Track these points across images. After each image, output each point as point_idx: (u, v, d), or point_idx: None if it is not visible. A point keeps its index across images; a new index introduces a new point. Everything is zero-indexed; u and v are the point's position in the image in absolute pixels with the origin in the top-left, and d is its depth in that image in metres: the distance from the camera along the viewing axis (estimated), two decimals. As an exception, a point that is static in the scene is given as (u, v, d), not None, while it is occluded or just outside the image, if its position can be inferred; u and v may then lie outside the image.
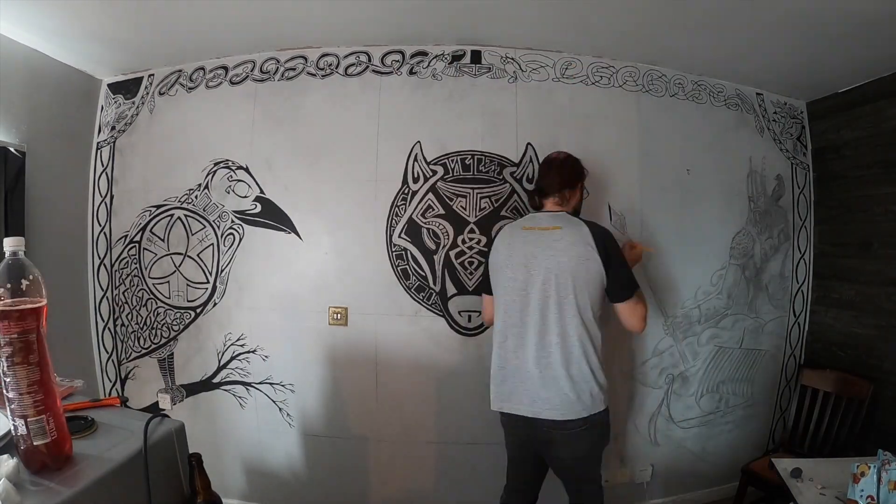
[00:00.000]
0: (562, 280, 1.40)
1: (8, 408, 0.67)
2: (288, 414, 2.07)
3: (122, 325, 2.17)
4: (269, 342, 2.06)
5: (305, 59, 2.04)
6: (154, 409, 2.12)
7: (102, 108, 2.19)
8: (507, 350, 1.49)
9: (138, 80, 2.17)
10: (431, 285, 1.99)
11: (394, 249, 1.99)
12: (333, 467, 2.08)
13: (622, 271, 1.45)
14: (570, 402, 1.39)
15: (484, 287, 1.68)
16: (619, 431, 2.12)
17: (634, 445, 2.14)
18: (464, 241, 1.97)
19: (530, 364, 1.43)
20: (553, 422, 1.40)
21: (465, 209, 1.97)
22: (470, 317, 2.00)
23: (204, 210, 2.08)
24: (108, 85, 2.20)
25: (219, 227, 2.07)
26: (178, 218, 2.10)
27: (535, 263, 1.44)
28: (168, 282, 2.11)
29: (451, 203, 1.98)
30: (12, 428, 0.68)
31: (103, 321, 2.19)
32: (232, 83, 2.08)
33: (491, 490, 2.00)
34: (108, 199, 2.18)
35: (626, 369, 2.09)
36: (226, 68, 2.09)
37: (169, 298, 2.12)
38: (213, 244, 2.07)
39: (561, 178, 1.54)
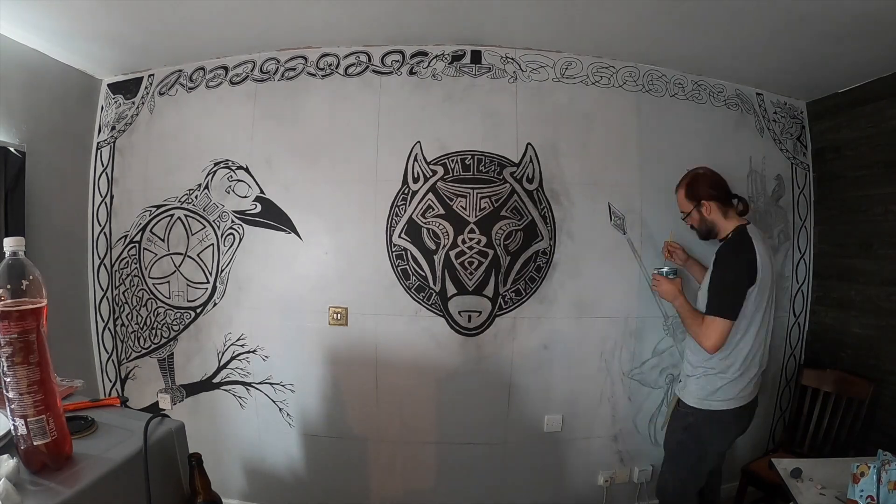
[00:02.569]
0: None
1: (8, 408, 0.67)
2: (288, 414, 2.07)
3: (122, 325, 2.17)
4: (270, 342, 2.06)
5: (305, 59, 2.04)
6: (154, 409, 2.12)
7: (102, 108, 2.19)
8: (761, 355, 1.61)
9: (138, 80, 2.17)
10: (431, 285, 1.99)
11: (394, 249, 1.99)
12: (333, 467, 2.08)
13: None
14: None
15: (734, 312, 1.50)
16: (619, 431, 2.12)
17: (634, 445, 2.14)
18: (464, 241, 1.97)
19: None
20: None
21: (465, 209, 1.97)
22: (470, 317, 2.00)
23: (204, 210, 2.08)
24: (108, 85, 2.20)
25: (219, 227, 2.07)
26: (178, 218, 2.10)
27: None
28: (168, 282, 2.11)
29: (451, 203, 1.98)
30: (12, 428, 0.68)
31: (103, 321, 2.19)
32: (232, 83, 2.08)
33: (491, 490, 2.01)
34: (108, 199, 2.18)
35: (627, 369, 2.09)
36: (226, 68, 2.09)
37: (169, 298, 2.12)
38: (213, 244, 2.07)
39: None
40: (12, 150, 1.73)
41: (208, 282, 2.08)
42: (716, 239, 1.69)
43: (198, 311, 2.10)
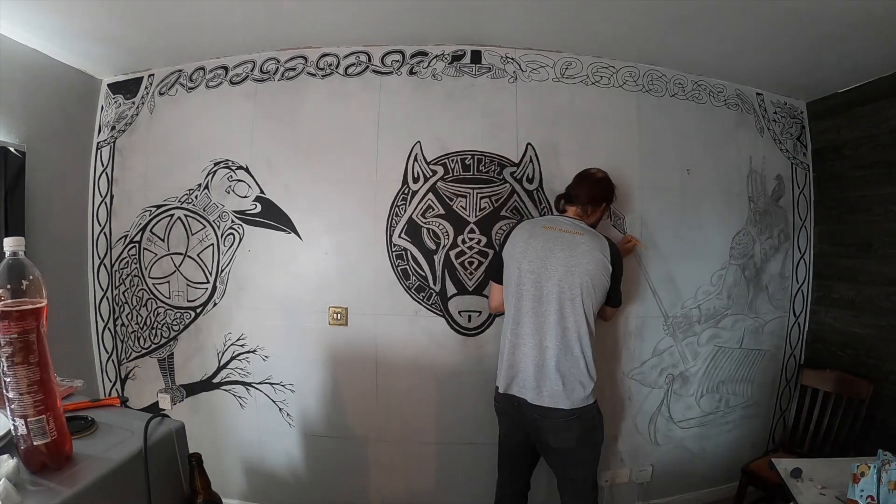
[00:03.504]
0: (577, 280, 1.48)
1: (8, 408, 0.67)
2: (288, 414, 2.07)
3: (122, 325, 2.17)
4: (269, 342, 2.06)
5: (305, 59, 2.04)
6: (154, 409, 2.12)
7: (102, 108, 2.19)
8: (518, 336, 1.54)
9: (138, 80, 2.17)
10: (431, 285, 1.99)
11: (394, 249, 1.99)
12: (333, 467, 2.08)
13: (620, 285, 1.62)
14: (559, 392, 1.47)
15: (493, 275, 1.73)
16: (619, 431, 2.12)
17: (634, 445, 2.14)
18: (464, 241, 1.97)
19: (536, 351, 1.51)
20: (541, 408, 1.48)
21: (465, 209, 1.97)
22: (470, 317, 2.00)
23: (204, 210, 2.08)
24: (108, 85, 2.20)
25: (219, 227, 2.07)
26: (178, 218, 2.10)
27: (552, 259, 1.51)
28: (168, 282, 2.11)
29: (451, 203, 1.98)
30: (12, 428, 0.68)
31: (103, 321, 2.19)
32: (232, 83, 2.08)
33: (491, 490, 2.00)
34: (108, 199, 2.18)
35: (627, 369, 2.09)
36: (226, 68, 2.09)
37: (169, 298, 2.12)
38: (213, 244, 2.07)
39: (590, 193, 1.64)
40: (12, 150, 1.73)
41: (208, 282, 2.08)
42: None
43: (198, 310, 2.10)
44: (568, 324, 1.48)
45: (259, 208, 2.04)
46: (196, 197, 2.08)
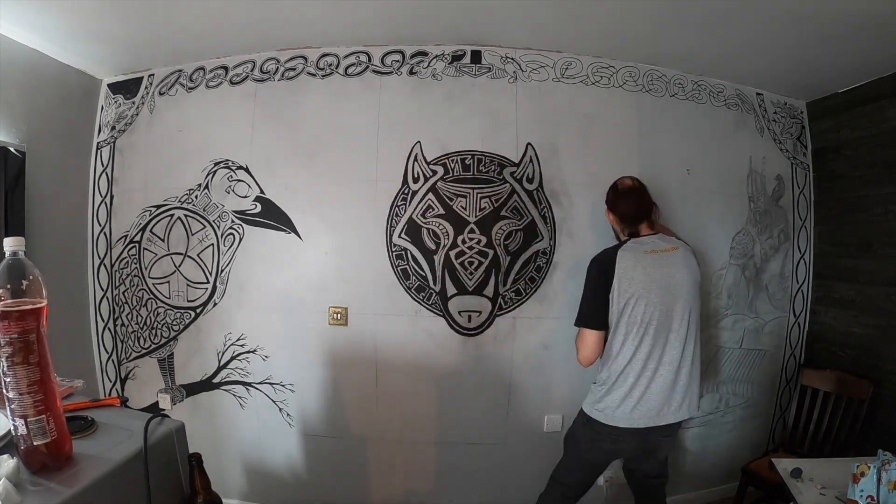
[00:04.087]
0: (695, 292, 1.50)
1: (8, 408, 0.67)
2: (288, 414, 2.07)
3: (122, 325, 2.17)
4: (269, 342, 2.06)
5: (305, 59, 2.04)
6: (154, 409, 2.12)
7: (102, 108, 2.19)
8: (653, 371, 1.46)
9: (138, 80, 2.17)
10: (431, 285, 1.99)
11: (394, 249, 1.99)
12: (333, 467, 2.08)
13: None
14: (692, 403, 1.50)
15: (589, 321, 1.52)
16: (619, 431, 2.12)
17: (634, 445, 2.14)
18: (464, 241, 1.97)
19: (673, 377, 1.47)
20: (670, 426, 1.49)
21: (465, 209, 1.97)
22: (470, 317, 2.00)
23: (204, 210, 2.08)
24: (108, 85, 2.20)
25: (219, 227, 2.07)
26: (178, 218, 2.10)
27: (675, 283, 1.47)
28: (168, 282, 2.11)
29: (451, 203, 1.98)
30: (12, 428, 0.68)
31: (103, 321, 2.19)
32: (232, 83, 2.08)
33: (491, 490, 2.01)
34: (108, 199, 2.18)
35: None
36: (226, 68, 2.09)
37: (169, 298, 2.12)
38: (213, 244, 2.07)
39: (648, 205, 1.59)
40: (12, 150, 1.73)
41: (208, 282, 2.08)
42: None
43: (198, 311, 2.10)
44: (695, 337, 1.49)
45: (259, 208, 2.04)
46: (196, 197, 2.08)
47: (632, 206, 1.57)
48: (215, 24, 1.81)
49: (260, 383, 2.08)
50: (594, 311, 1.51)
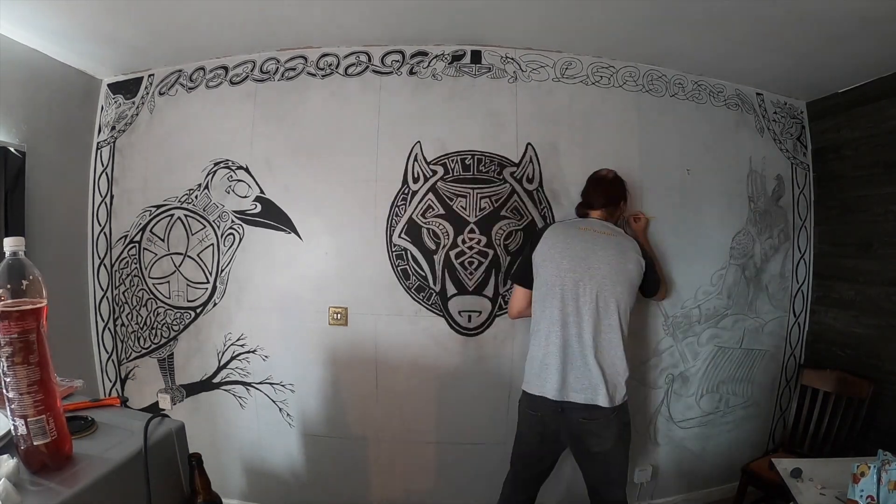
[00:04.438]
0: (616, 278, 1.53)
1: (8, 408, 0.67)
2: (288, 414, 2.07)
3: (122, 325, 2.17)
4: (270, 342, 2.06)
5: (305, 59, 2.04)
6: (154, 409, 2.12)
7: (102, 108, 2.19)
8: (562, 337, 1.52)
9: (138, 80, 2.17)
10: (431, 285, 1.99)
11: (394, 249, 1.99)
12: (333, 467, 2.08)
13: (655, 273, 1.71)
14: (604, 390, 1.48)
15: (517, 278, 1.72)
16: (619, 431, 2.12)
17: (634, 445, 2.13)
18: (464, 241, 1.97)
19: (579, 349, 1.51)
20: (588, 408, 1.49)
21: (465, 209, 1.97)
22: (470, 317, 2.00)
23: (204, 210, 2.08)
24: (108, 85, 2.20)
25: (219, 227, 2.07)
26: (178, 218, 2.10)
27: (594, 259, 1.54)
28: (168, 282, 2.11)
29: (451, 203, 1.98)
30: (12, 428, 0.68)
31: (103, 321, 2.19)
32: (232, 83, 2.08)
33: (491, 490, 2.00)
34: (108, 199, 2.18)
35: (626, 369, 2.09)
36: (226, 68, 2.09)
37: (169, 298, 2.12)
38: (213, 244, 2.07)
39: (606, 196, 1.71)
40: (12, 150, 1.73)
41: (208, 282, 2.08)
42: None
43: (198, 311, 2.10)
44: (609, 322, 1.51)
45: (259, 208, 2.04)
46: (196, 197, 2.08)
47: (588, 192, 1.74)
48: (215, 24, 1.81)
49: (260, 383, 2.08)
50: (522, 270, 1.70)
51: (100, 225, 2.18)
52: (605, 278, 1.51)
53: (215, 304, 2.08)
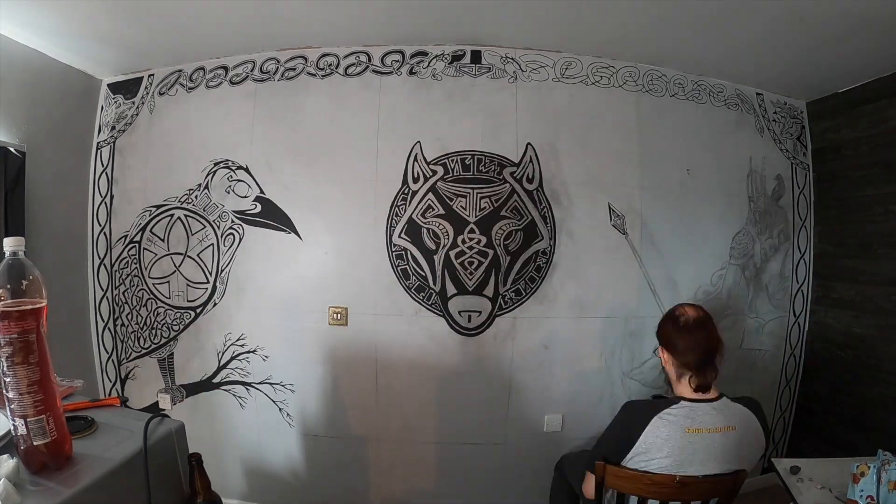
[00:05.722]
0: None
1: (8, 408, 0.67)
2: (288, 414, 2.07)
3: (122, 325, 2.17)
4: (269, 342, 2.06)
5: (305, 59, 2.04)
6: (154, 409, 2.12)
7: (102, 108, 2.19)
8: None
9: (138, 80, 2.17)
10: (431, 285, 1.99)
11: (394, 249, 1.99)
12: (333, 467, 2.08)
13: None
14: None
15: (590, 463, 1.27)
16: (619, 431, 2.12)
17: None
18: (464, 241, 1.97)
19: None
20: None
21: (465, 209, 1.97)
22: (470, 317, 2.00)
23: (204, 210, 2.08)
24: (108, 85, 2.20)
25: (219, 227, 2.07)
26: (178, 218, 2.10)
27: (703, 470, 1.17)
28: (168, 282, 2.11)
29: (451, 203, 1.98)
30: (12, 428, 0.68)
31: (103, 321, 2.19)
32: (232, 83, 2.08)
33: (491, 490, 2.01)
34: (108, 199, 2.18)
35: (627, 369, 2.09)
36: (226, 68, 2.09)
37: (169, 298, 2.12)
38: (213, 244, 2.07)
39: (717, 349, 1.22)
40: (12, 150, 1.73)
41: (208, 282, 2.08)
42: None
43: (198, 311, 2.10)
44: None
45: (259, 208, 2.04)
46: (196, 197, 2.08)
47: (689, 352, 1.22)
48: (215, 24, 1.81)
49: (260, 383, 2.08)
50: (601, 451, 1.27)
51: (100, 225, 2.18)
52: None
53: (215, 304, 2.08)
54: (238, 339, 2.08)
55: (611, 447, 1.25)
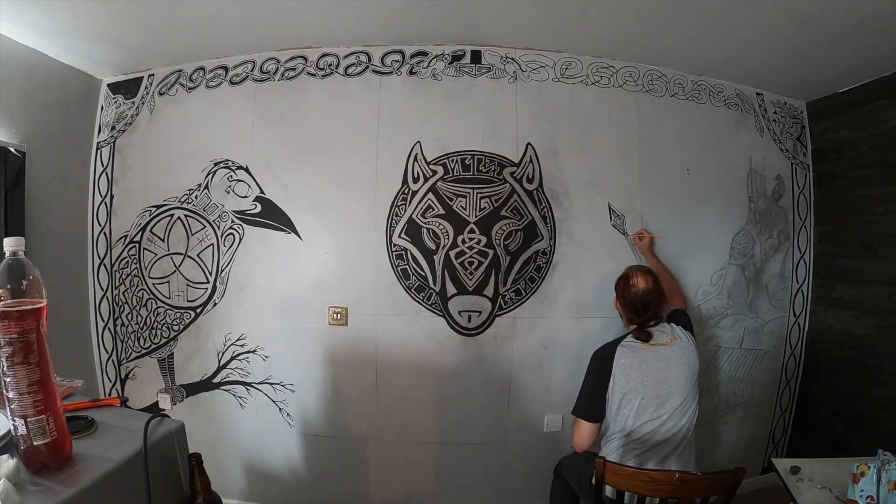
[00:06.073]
0: (690, 389, 1.51)
1: (8, 408, 0.67)
2: (288, 414, 2.07)
3: (122, 325, 2.17)
4: (269, 342, 2.06)
5: (305, 59, 2.04)
6: (154, 409, 2.12)
7: (102, 108, 2.19)
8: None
9: (138, 80, 2.17)
10: (431, 285, 1.99)
11: (394, 249, 1.99)
12: (333, 467, 2.08)
13: (687, 315, 1.74)
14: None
15: (585, 412, 1.57)
16: (619, 431, 2.12)
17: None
18: (464, 241, 1.97)
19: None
20: None
21: (465, 209, 1.97)
22: (470, 317, 2.00)
23: (204, 210, 2.08)
24: (108, 85, 2.20)
25: (219, 227, 2.07)
26: (178, 218, 2.10)
27: (671, 377, 1.50)
28: (168, 282, 2.11)
29: (451, 203, 1.98)
30: (12, 428, 0.68)
31: (103, 321, 2.19)
32: (232, 83, 2.08)
33: (491, 490, 2.01)
34: (108, 199, 2.18)
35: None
36: (226, 68, 2.09)
37: (169, 298, 2.12)
38: (213, 244, 2.07)
39: (659, 294, 1.66)
40: (12, 150, 1.73)
41: (208, 282, 2.08)
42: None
43: (198, 311, 2.10)
44: (689, 431, 1.51)
45: (259, 208, 2.04)
46: (196, 197, 2.08)
47: (639, 297, 1.64)
48: (215, 24, 1.81)
49: (260, 383, 2.08)
50: (590, 405, 1.57)
51: (100, 225, 2.18)
52: (684, 392, 1.50)
53: (215, 304, 2.08)
54: (238, 339, 2.08)
55: (595, 387, 1.56)
